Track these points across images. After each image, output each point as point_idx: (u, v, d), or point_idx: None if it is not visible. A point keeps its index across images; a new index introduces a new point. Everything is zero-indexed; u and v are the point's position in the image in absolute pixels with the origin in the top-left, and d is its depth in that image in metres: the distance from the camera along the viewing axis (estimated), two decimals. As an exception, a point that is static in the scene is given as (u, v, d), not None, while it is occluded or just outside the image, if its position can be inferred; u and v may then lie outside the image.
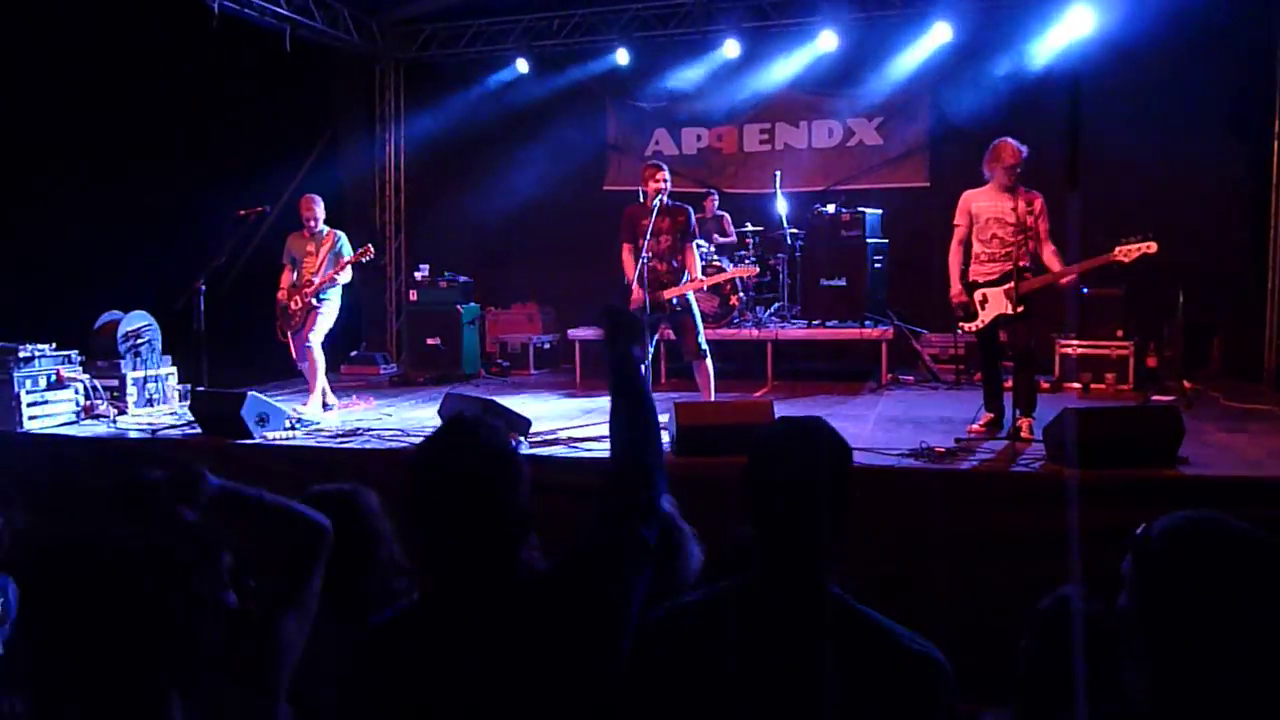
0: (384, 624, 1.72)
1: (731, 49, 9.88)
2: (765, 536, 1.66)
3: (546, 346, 10.27)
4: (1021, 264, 5.57)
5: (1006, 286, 5.52)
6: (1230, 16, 8.68)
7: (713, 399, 6.23)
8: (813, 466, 1.63)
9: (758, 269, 7.41)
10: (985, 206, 5.68)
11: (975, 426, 5.75)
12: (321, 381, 7.08)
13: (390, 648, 1.67)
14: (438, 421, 5.83)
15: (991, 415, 5.80)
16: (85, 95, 7.51)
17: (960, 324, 5.91)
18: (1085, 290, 8.19)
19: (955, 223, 5.88)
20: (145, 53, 7.90)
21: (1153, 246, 5.32)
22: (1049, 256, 5.57)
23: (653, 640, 1.66)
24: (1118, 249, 5.40)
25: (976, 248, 5.75)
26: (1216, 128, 9.07)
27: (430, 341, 9.41)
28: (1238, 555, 1.45)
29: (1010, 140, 5.66)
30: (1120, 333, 8.00)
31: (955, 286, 5.82)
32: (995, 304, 5.65)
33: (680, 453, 5.06)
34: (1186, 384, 7.28)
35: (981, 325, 5.76)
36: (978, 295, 5.75)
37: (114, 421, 6.69)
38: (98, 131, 7.67)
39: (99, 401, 6.86)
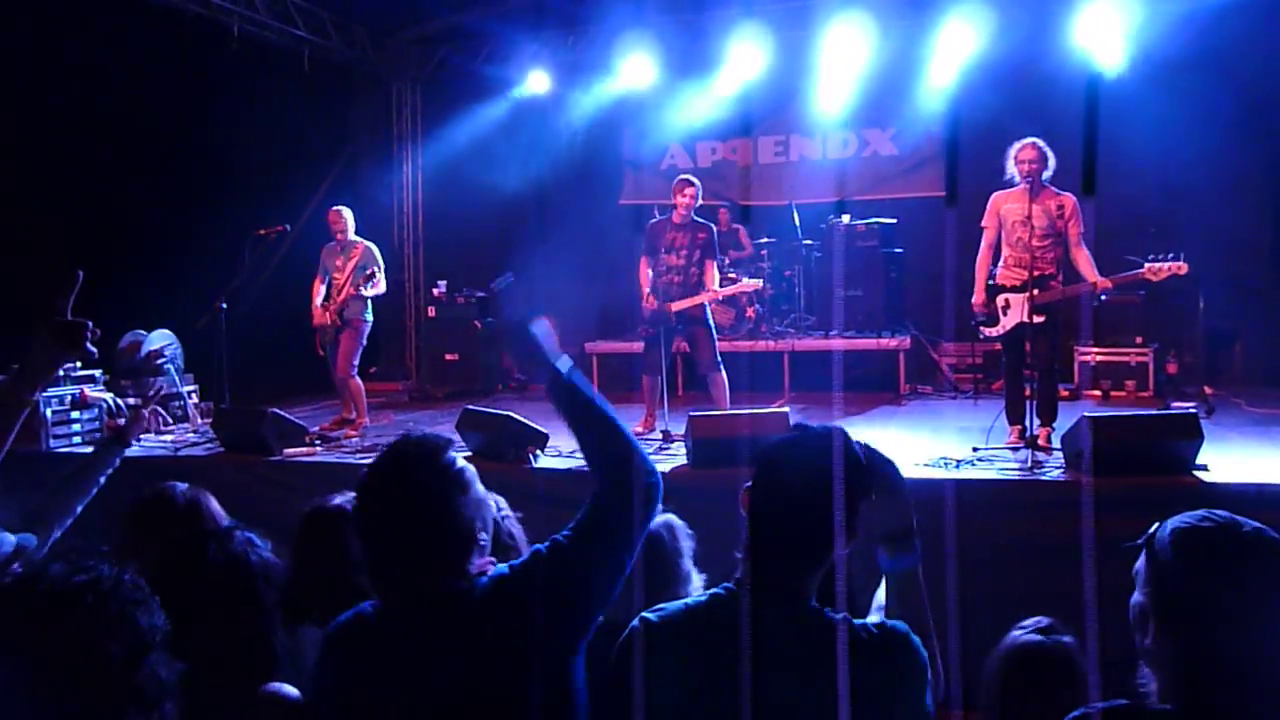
0: (339, 627, 1.78)
1: (745, 62, 9.91)
2: (764, 545, 1.68)
3: (564, 360, 10.30)
4: (1047, 271, 5.45)
5: (1029, 293, 5.37)
6: (1248, 20, 8.64)
7: (728, 411, 6.24)
8: (814, 478, 1.63)
9: (760, 281, 7.47)
10: (1012, 209, 5.54)
11: (1011, 441, 5.55)
12: (363, 403, 7.10)
13: (342, 651, 1.74)
14: (456, 437, 5.87)
15: (1019, 428, 5.54)
16: (106, 115, 7.64)
17: (981, 328, 5.80)
18: (1104, 297, 8.15)
19: (984, 224, 5.75)
20: (166, 74, 8.03)
21: (1184, 268, 5.23)
22: (1082, 263, 5.42)
23: (636, 646, 1.69)
24: (1147, 266, 5.29)
25: (1005, 251, 5.63)
26: (1235, 133, 9.01)
27: (448, 357, 9.47)
28: (1251, 555, 1.46)
29: (1030, 140, 5.55)
30: (1140, 339, 7.96)
31: (978, 295, 5.73)
32: (1016, 311, 5.53)
33: (697, 465, 5.07)
34: (1207, 390, 7.23)
35: (1002, 331, 5.66)
36: (1000, 300, 5.64)
37: (137, 440, 6.75)
38: (119, 151, 7.80)
39: (122, 420, 6.94)
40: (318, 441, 6.40)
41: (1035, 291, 5.33)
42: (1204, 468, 4.60)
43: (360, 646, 1.72)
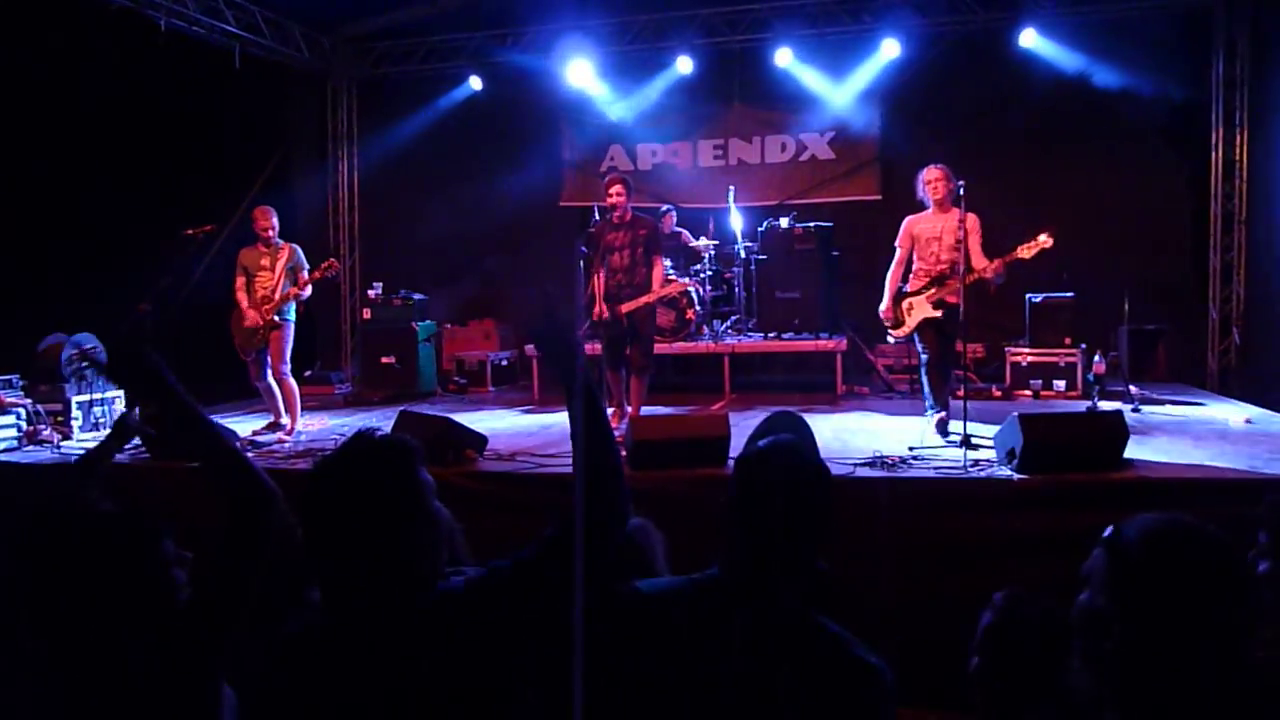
0: (292, 636, 1.69)
1: (685, 65, 9.97)
2: (740, 546, 1.72)
3: (504, 363, 10.21)
4: (945, 271, 6.05)
5: (929, 293, 6.11)
6: (1169, 32, 8.96)
7: (640, 413, 6.26)
8: (799, 487, 1.71)
9: (689, 280, 8.07)
10: (925, 229, 6.22)
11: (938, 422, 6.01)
12: (297, 406, 6.94)
13: (296, 660, 1.66)
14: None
15: (945, 413, 6.02)
16: (28, 112, 7.37)
17: (890, 332, 6.48)
18: (1036, 300, 8.36)
19: (897, 244, 6.35)
20: (90, 70, 7.77)
21: (1049, 241, 5.82)
22: (976, 260, 5.97)
23: (620, 618, 1.71)
24: (1020, 247, 5.89)
25: (916, 265, 6.27)
26: (1159, 141, 9.33)
27: (385, 360, 9.30)
28: (1211, 559, 1.49)
29: (938, 166, 6.20)
30: (1068, 340, 8.16)
31: (886, 305, 6.37)
32: (920, 310, 6.20)
33: (635, 466, 5.05)
34: (1133, 389, 7.44)
35: (907, 332, 6.29)
36: (905, 304, 6.27)
37: (58, 447, 6.52)
38: (40, 149, 7.52)
39: (42, 427, 6.70)
40: (248, 447, 6.24)
41: (934, 290, 6.08)
42: (1130, 463, 4.74)
43: (312, 657, 1.64)
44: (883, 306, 6.38)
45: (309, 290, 6.93)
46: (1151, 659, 1.47)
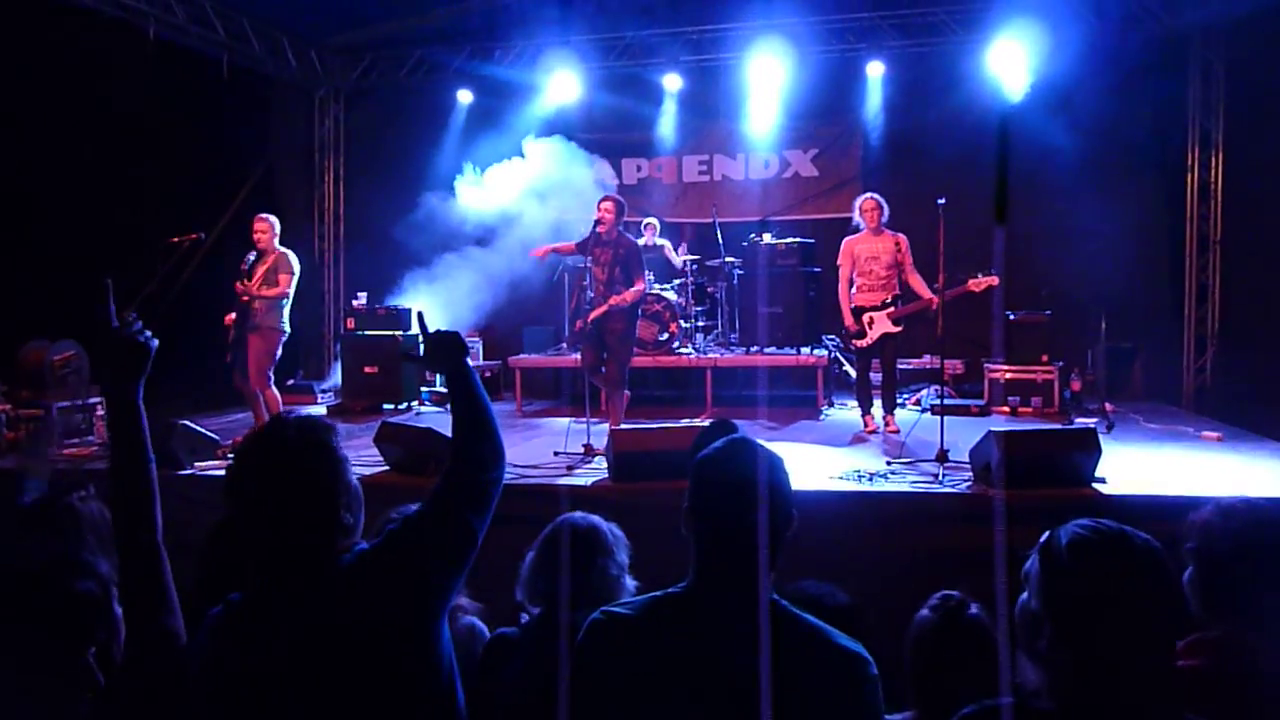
0: (212, 618, 1.79)
1: (671, 82, 10.07)
2: (708, 548, 1.75)
3: (487, 374, 10.23)
4: (895, 293, 7.04)
5: (888, 310, 7.01)
6: (1147, 58, 9.11)
7: (649, 425, 6.31)
8: (754, 482, 1.72)
9: (627, 297, 7.92)
10: (863, 249, 7.13)
11: (866, 431, 7.09)
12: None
13: (216, 638, 1.75)
14: (373, 451, 5.80)
15: (870, 417, 7.23)
16: (13, 118, 7.36)
17: (853, 341, 7.23)
18: (1012, 316, 8.46)
19: (839, 263, 7.22)
20: (79, 78, 7.77)
21: (995, 280, 6.70)
22: (916, 284, 6.98)
23: (592, 642, 1.73)
24: (970, 281, 6.74)
25: (858, 280, 7.15)
26: (1136, 163, 9.48)
27: (368, 370, 9.29)
28: (1135, 564, 1.55)
29: (872, 196, 7.20)
30: (1045, 357, 8.26)
31: (848, 318, 7.18)
32: (880, 325, 7.06)
33: (617, 479, 5.09)
34: (1108, 406, 7.54)
35: (870, 342, 7.09)
36: (865, 318, 7.09)
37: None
38: (26, 155, 7.51)
39: (22, 434, 6.67)
40: (230, 455, 6.24)
41: (892, 309, 6.98)
42: (1102, 480, 4.82)
43: (232, 631, 1.73)
44: (846, 320, 7.19)
45: (275, 291, 6.82)
46: (1078, 657, 1.53)
